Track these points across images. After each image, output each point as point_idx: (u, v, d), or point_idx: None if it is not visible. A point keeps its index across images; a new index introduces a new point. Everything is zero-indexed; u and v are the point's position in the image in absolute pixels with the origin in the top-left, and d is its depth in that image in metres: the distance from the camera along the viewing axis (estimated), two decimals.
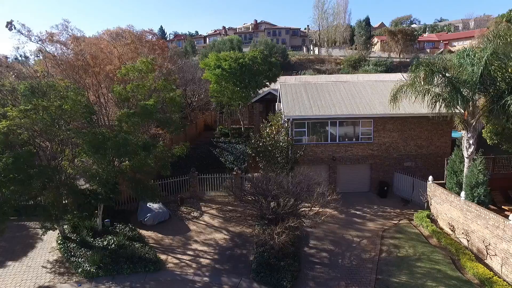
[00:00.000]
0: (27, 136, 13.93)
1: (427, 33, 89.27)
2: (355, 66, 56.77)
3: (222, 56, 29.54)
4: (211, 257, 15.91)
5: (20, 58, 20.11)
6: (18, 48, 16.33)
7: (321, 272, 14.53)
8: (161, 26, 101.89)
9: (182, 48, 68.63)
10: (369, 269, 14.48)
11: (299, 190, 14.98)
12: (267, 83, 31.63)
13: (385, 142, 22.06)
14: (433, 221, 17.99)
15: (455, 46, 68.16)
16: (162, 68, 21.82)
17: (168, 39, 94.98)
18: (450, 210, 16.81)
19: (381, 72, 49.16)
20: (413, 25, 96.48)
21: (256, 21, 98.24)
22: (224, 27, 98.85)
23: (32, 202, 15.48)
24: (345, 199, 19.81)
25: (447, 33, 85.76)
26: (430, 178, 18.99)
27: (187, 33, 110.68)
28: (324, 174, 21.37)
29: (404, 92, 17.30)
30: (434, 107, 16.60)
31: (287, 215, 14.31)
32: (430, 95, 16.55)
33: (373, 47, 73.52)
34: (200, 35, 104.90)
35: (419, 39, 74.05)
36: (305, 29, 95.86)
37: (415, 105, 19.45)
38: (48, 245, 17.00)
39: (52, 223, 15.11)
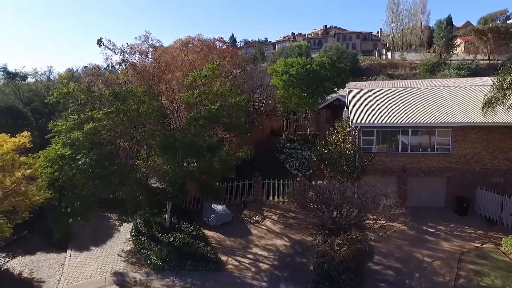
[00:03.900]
0: (109, 136, 15.52)
1: None
2: (433, 70, 52.20)
3: (290, 62, 29.57)
4: (270, 263, 15.89)
5: (108, 68, 22.70)
6: (107, 59, 18.37)
7: None
8: (232, 34, 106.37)
9: (251, 55, 70.43)
10: None
11: (364, 201, 14.19)
12: (335, 89, 30.79)
13: (465, 154, 19.83)
14: None
15: None
16: (229, 73, 22.60)
17: (238, 46, 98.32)
18: None
19: (464, 76, 44.49)
20: (510, 21, 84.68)
21: (325, 26, 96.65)
22: (293, 33, 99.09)
23: (111, 196, 17.20)
24: (416, 214, 18.24)
25: None
26: None
27: (257, 40, 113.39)
28: (392, 185, 19.91)
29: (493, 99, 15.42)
30: None
31: (349, 227, 13.65)
32: None
33: (455, 49, 66.89)
34: (269, 41, 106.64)
35: None
36: (377, 32, 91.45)
37: (504, 113, 17.19)
38: (124, 236, 18.68)
39: (127, 216, 16.57)
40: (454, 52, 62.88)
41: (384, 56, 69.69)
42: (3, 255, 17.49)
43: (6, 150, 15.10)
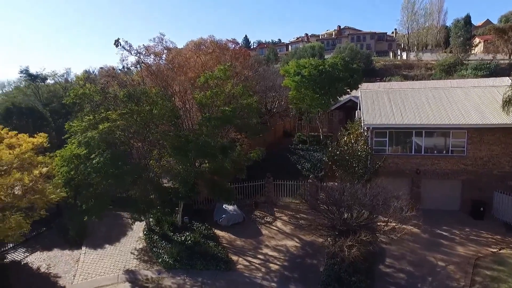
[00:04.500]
0: (123, 136, 15.85)
1: None
2: (449, 71, 51.09)
3: (302, 63, 29.52)
4: (280, 264, 15.90)
5: (124, 69, 23.15)
6: (123, 60, 18.75)
7: None
8: (246, 36, 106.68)
9: (264, 56, 70.49)
10: None
11: (375, 203, 14.06)
12: (347, 90, 30.58)
13: (482, 156, 19.38)
14: None
15: None
16: (241, 75, 22.72)
17: (251, 47, 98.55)
18: None
19: (482, 76, 43.43)
20: None
21: (339, 27, 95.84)
22: (306, 34, 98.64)
23: (124, 195, 17.56)
24: (429, 217, 17.95)
25: None
26: None
27: (270, 41, 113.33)
28: (405, 188, 19.59)
29: None
30: None
31: (359, 228, 13.55)
32: None
33: (474, 49, 65.27)
34: (282, 42, 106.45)
35: None
36: (392, 33, 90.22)
37: None
38: (136, 234, 19.03)
39: (140, 215, 16.88)
40: (472, 52, 61.38)
41: (398, 57, 68.69)
42: (23, 250, 18.13)
43: (25, 150, 15.61)
